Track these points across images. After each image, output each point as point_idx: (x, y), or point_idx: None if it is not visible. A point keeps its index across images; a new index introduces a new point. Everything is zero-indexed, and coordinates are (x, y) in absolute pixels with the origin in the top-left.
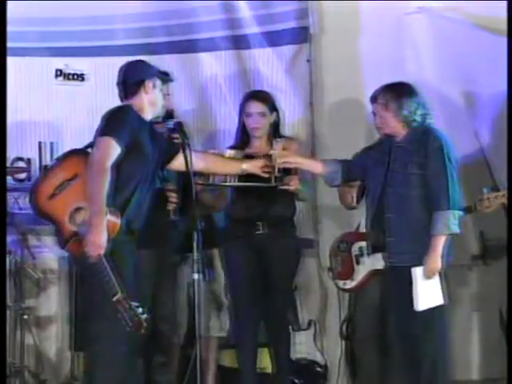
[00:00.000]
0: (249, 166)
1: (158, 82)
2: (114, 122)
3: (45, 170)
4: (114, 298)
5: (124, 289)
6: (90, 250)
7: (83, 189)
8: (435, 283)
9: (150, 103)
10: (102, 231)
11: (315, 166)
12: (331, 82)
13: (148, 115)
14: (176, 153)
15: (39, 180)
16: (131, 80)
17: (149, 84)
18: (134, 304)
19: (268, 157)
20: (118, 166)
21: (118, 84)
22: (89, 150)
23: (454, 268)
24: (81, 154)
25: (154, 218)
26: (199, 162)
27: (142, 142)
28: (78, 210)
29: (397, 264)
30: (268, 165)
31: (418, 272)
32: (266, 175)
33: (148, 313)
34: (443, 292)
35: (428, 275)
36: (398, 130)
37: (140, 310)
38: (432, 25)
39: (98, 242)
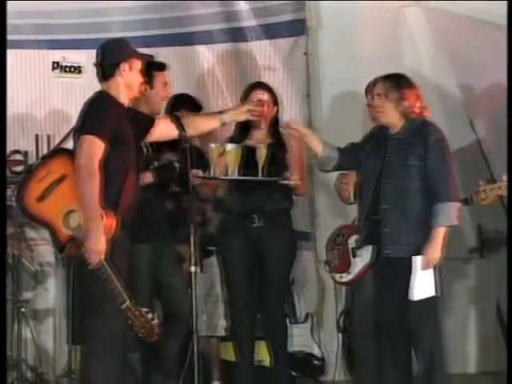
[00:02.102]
0: (228, 116)
1: (136, 64)
2: (94, 118)
3: (29, 171)
4: (123, 306)
5: (131, 295)
6: (90, 256)
7: (73, 190)
8: (430, 274)
9: (126, 86)
10: (100, 236)
11: (318, 146)
12: (328, 75)
13: (125, 98)
14: (152, 124)
15: (25, 182)
16: (107, 62)
17: (124, 66)
18: (144, 310)
19: (258, 102)
20: (104, 161)
21: (96, 65)
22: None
23: (451, 261)
24: (66, 153)
25: (150, 209)
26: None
27: (122, 130)
28: (70, 212)
29: (394, 255)
30: (254, 109)
31: (418, 261)
32: (255, 118)
33: (158, 318)
34: (436, 284)
35: (426, 266)
36: (395, 120)
37: (150, 315)
38: (429, 17)
39: (98, 248)
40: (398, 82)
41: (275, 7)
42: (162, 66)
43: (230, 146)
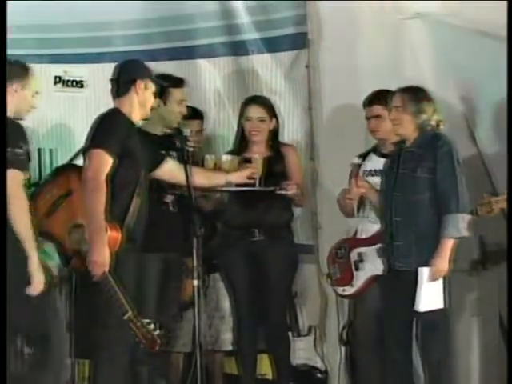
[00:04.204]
0: (234, 178)
1: (151, 84)
2: (103, 132)
3: (37, 187)
4: (125, 317)
5: (133, 306)
6: (93, 269)
7: (79, 205)
8: (439, 286)
9: (139, 104)
10: (103, 249)
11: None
12: (330, 88)
13: (137, 116)
14: (160, 162)
15: (33, 198)
16: (123, 78)
17: (140, 84)
18: (146, 321)
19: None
20: (111, 176)
21: (112, 81)
22: (77, 162)
23: (453, 273)
24: (72, 168)
25: (159, 222)
26: (183, 177)
27: (131, 147)
28: (76, 226)
29: (405, 268)
30: (254, 172)
31: (424, 272)
32: (252, 181)
33: (160, 328)
34: (445, 296)
35: (434, 277)
36: (411, 133)
37: (152, 326)
38: (430, 30)
39: (101, 260)
40: (417, 95)
41: (277, 20)
42: (179, 82)
43: (225, 157)
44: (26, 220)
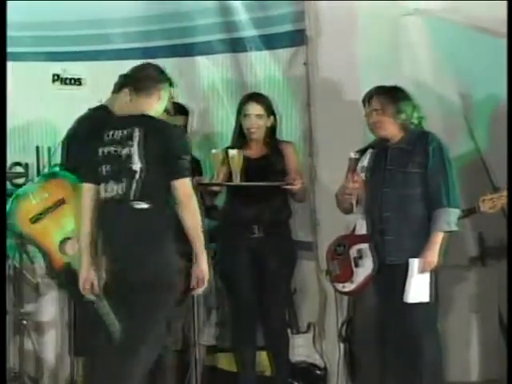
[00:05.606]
0: None
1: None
2: None
3: (26, 188)
4: None
5: None
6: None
7: (71, 216)
8: (426, 279)
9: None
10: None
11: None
12: (328, 85)
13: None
14: None
15: (19, 198)
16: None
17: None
18: None
19: None
20: None
21: None
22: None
23: (452, 269)
24: (66, 176)
25: None
26: None
27: None
28: (66, 240)
29: (398, 262)
30: None
31: (414, 263)
32: None
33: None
34: (431, 290)
35: (423, 269)
36: (395, 132)
37: None
38: (428, 26)
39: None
40: (393, 96)
41: (275, 17)
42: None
43: (231, 152)
44: (198, 222)
